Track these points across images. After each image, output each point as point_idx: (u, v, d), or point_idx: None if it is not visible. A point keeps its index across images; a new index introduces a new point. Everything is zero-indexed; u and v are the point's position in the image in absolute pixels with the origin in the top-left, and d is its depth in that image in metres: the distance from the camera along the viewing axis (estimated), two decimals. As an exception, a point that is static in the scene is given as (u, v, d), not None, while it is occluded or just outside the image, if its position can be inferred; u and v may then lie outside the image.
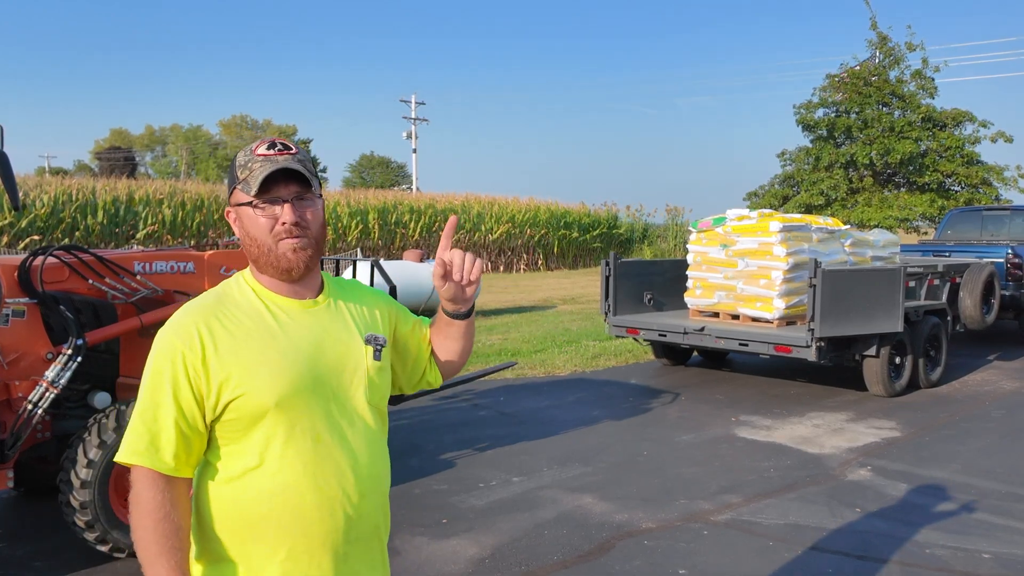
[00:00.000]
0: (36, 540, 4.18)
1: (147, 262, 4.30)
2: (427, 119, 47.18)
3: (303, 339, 1.52)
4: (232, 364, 1.45)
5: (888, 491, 5.06)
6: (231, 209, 1.56)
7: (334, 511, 1.50)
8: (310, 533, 1.48)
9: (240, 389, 1.45)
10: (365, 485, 1.54)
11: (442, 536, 4.27)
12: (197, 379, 1.45)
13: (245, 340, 1.48)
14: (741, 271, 8.03)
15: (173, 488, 1.45)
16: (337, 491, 1.50)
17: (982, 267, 9.40)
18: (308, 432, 1.49)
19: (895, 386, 7.82)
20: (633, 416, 6.98)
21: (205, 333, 1.46)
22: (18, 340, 3.88)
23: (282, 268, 1.52)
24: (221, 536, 1.47)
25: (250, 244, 1.52)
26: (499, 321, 13.48)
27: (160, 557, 1.41)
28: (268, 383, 1.46)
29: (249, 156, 1.51)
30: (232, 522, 1.47)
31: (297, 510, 1.46)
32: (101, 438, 3.78)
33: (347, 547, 1.52)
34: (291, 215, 1.49)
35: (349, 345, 1.57)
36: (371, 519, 1.57)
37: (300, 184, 1.51)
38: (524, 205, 30.06)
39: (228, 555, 1.48)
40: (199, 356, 1.45)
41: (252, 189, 1.48)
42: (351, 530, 1.52)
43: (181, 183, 25.40)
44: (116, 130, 70.24)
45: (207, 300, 1.54)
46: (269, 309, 1.53)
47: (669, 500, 4.85)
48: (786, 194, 23.98)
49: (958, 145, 21.75)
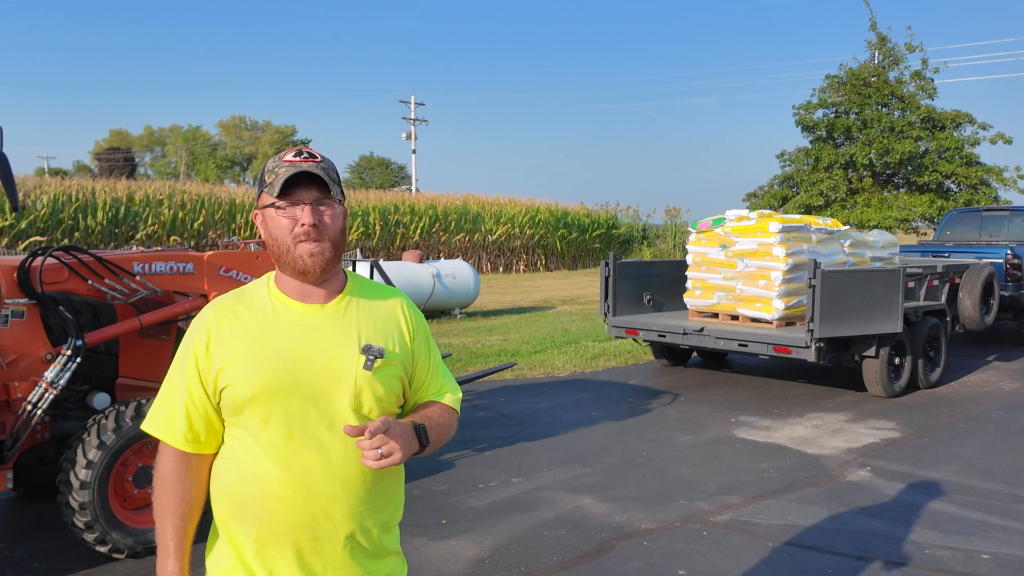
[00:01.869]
0: (35, 541, 4.18)
1: (146, 263, 4.29)
2: (426, 120, 47.18)
3: (294, 341, 1.60)
4: (227, 356, 1.59)
5: (887, 492, 5.06)
6: (258, 211, 1.66)
7: (297, 506, 1.56)
8: (275, 522, 1.57)
9: (227, 380, 1.58)
10: (335, 488, 1.58)
11: (441, 537, 4.27)
12: (203, 367, 1.60)
13: (243, 335, 1.60)
14: (740, 272, 8.03)
15: (185, 461, 1.63)
16: (302, 488, 1.56)
17: (981, 268, 9.41)
18: (280, 428, 1.57)
19: (894, 387, 7.82)
20: (632, 417, 6.99)
21: (214, 326, 1.61)
22: (17, 341, 3.88)
23: (299, 270, 1.60)
24: (217, 509, 1.64)
25: (272, 244, 1.62)
26: (498, 322, 13.48)
27: (162, 521, 1.62)
28: (247, 377, 1.56)
29: (276, 162, 1.63)
30: (220, 498, 1.62)
31: (263, 499, 1.56)
32: (100, 439, 3.78)
33: (314, 543, 1.59)
34: (310, 217, 1.57)
35: (340, 352, 1.61)
36: (342, 522, 1.60)
37: (321, 189, 1.60)
38: (523, 206, 30.06)
39: (221, 526, 1.64)
40: (205, 346, 1.60)
41: (275, 191, 1.58)
42: (317, 528, 1.58)
43: (180, 184, 25.38)
44: (115, 131, 70.24)
45: (228, 296, 1.68)
46: (274, 308, 1.63)
47: (668, 501, 4.86)
48: (785, 195, 24.00)
49: (957, 146, 21.77)
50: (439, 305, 13.62)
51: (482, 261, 27.80)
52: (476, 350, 10.19)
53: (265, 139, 68.55)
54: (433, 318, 13.59)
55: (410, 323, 1.73)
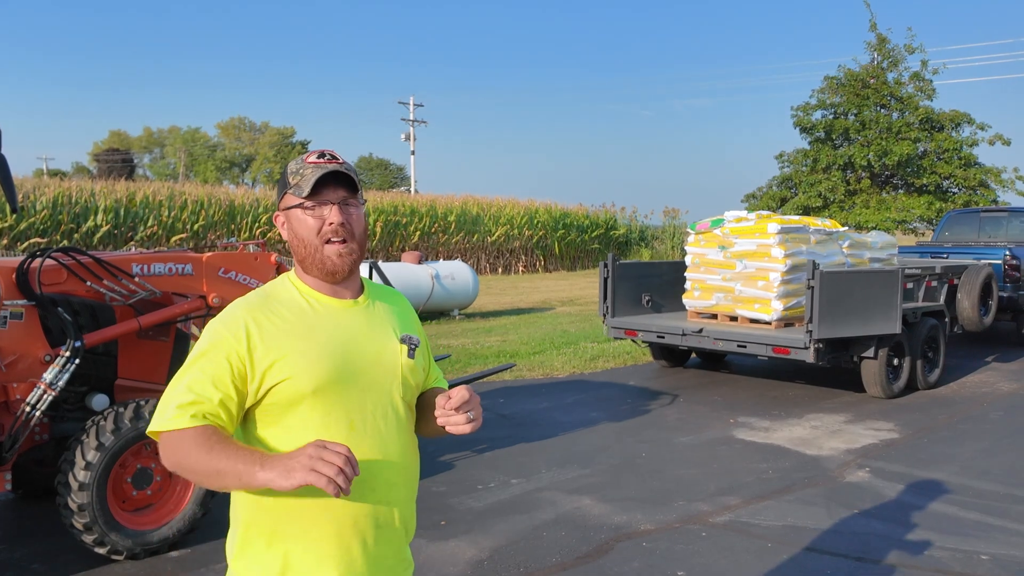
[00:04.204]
0: (34, 542, 4.18)
1: (145, 264, 4.29)
2: (425, 121, 47.24)
3: (341, 334, 1.62)
4: (276, 353, 1.55)
5: (886, 492, 5.07)
6: (280, 213, 1.67)
7: (364, 496, 1.57)
8: (339, 517, 1.56)
9: (282, 375, 1.54)
10: (395, 474, 1.63)
11: (440, 538, 4.27)
12: (240, 366, 1.54)
13: (288, 332, 1.58)
14: (739, 273, 8.03)
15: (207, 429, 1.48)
16: (368, 477, 1.57)
17: (980, 269, 9.41)
18: (342, 420, 1.58)
19: (893, 388, 7.83)
20: (631, 418, 6.99)
21: (252, 323, 1.57)
22: (16, 342, 3.87)
23: (327, 270, 1.62)
24: (263, 514, 1.56)
25: (298, 245, 1.63)
26: (497, 323, 13.48)
27: (213, 454, 1.43)
28: (307, 371, 1.55)
29: (301, 164, 1.64)
30: (270, 503, 1.55)
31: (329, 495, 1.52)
32: (99, 440, 3.78)
33: (376, 532, 1.60)
34: (338, 216, 1.60)
35: (385, 343, 1.67)
36: (399, 509, 1.65)
37: (347, 189, 1.64)
38: (523, 207, 30.05)
39: (271, 531, 1.56)
40: (244, 345, 1.55)
41: (304, 191, 1.59)
42: (379, 516, 1.60)
43: (180, 185, 25.38)
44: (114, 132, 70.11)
45: (254, 298, 1.65)
46: (311, 306, 1.64)
47: (667, 502, 4.86)
48: (784, 196, 24.01)
49: (956, 147, 21.79)
50: (438, 306, 13.61)
51: (481, 262, 27.80)
52: (475, 351, 10.19)
53: (264, 140, 68.52)
54: (432, 319, 13.59)
55: (416, 320, 1.83)
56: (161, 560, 3.95)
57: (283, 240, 1.72)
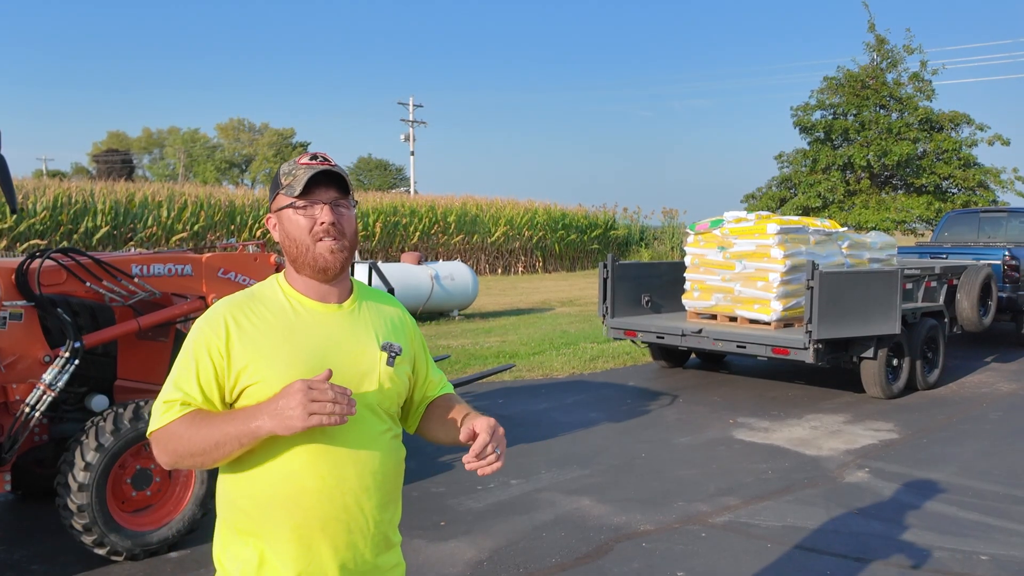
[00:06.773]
0: (34, 543, 4.17)
1: (145, 265, 4.29)
2: (425, 121, 47.27)
3: (319, 338, 1.63)
4: (252, 354, 1.57)
5: (886, 493, 5.07)
6: (271, 215, 1.70)
7: (333, 500, 1.58)
8: (309, 518, 1.57)
9: (255, 377, 1.56)
10: (366, 481, 1.63)
11: (440, 539, 4.27)
12: (220, 361, 1.57)
13: (266, 333, 1.60)
14: (739, 273, 8.03)
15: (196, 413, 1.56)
16: (336, 482, 1.59)
17: (979, 269, 9.42)
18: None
19: (892, 388, 7.83)
20: (631, 418, 6.99)
21: (231, 322, 1.60)
22: (15, 343, 3.87)
23: (319, 268, 1.63)
24: (239, 514, 1.61)
25: (289, 245, 1.65)
26: (497, 323, 13.48)
27: (211, 425, 1.51)
28: (280, 374, 1.55)
29: (293, 165, 1.66)
30: (246, 501, 1.59)
31: (298, 495, 1.57)
32: (99, 441, 3.78)
33: (348, 537, 1.61)
34: (329, 215, 1.62)
35: (364, 349, 1.67)
36: (372, 515, 1.65)
37: (339, 191, 1.65)
38: (522, 207, 30.06)
39: (241, 528, 1.61)
40: (223, 341, 1.58)
41: (296, 191, 1.61)
42: (351, 521, 1.61)
43: (179, 186, 25.38)
44: (114, 133, 70.06)
45: (239, 296, 1.67)
46: (293, 308, 1.65)
47: (667, 502, 4.86)
48: (783, 196, 24.03)
49: (955, 147, 21.81)
50: (437, 307, 13.61)
51: (481, 263, 27.80)
52: (474, 352, 10.19)
53: (263, 141, 68.52)
54: (431, 320, 13.59)
55: (408, 325, 1.83)
56: (161, 561, 3.95)
57: (281, 241, 1.73)
